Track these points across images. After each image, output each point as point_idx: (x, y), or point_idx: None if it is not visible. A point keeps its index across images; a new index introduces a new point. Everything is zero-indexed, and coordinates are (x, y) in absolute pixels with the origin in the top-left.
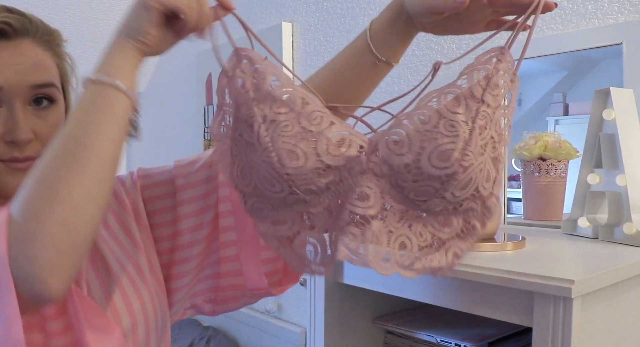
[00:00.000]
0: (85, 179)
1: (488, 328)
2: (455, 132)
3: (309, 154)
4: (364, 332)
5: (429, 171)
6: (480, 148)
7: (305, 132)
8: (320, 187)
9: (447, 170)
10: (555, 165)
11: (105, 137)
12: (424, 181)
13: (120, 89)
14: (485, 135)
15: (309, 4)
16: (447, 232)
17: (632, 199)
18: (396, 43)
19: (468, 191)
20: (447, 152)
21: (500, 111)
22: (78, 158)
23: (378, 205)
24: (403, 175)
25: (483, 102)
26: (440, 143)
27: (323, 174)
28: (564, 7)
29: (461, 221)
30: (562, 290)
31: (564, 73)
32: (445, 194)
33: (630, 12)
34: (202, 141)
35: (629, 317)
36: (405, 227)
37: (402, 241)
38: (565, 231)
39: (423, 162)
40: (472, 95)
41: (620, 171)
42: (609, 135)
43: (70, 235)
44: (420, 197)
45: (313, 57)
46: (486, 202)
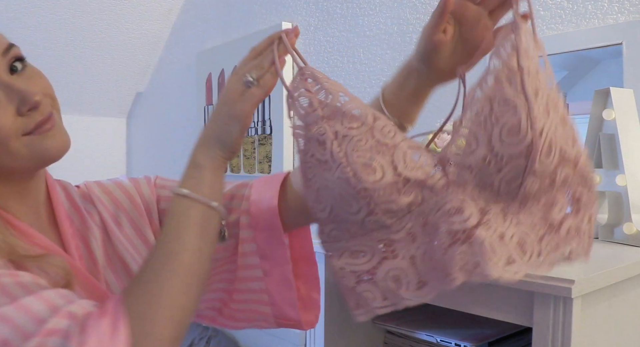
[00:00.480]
0: (186, 293)
1: (488, 328)
2: (513, 104)
3: (386, 167)
4: (363, 332)
5: (509, 151)
6: (543, 110)
7: (380, 146)
8: (401, 206)
9: (525, 142)
10: None
11: (205, 256)
12: (508, 165)
13: (215, 209)
14: (541, 98)
15: (309, 4)
16: (557, 212)
17: (632, 199)
18: (407, 105)
19: (554, 156)
20: (515, 126)
21: (542, 74)
22: (181, 275)
23: (476, 214)
24: (485, 170)
25: (522, 69)
26: (504, 122)
27: (403, 191)
28: (564, 7)
29: (566, 196)
30: (562, 290)
31: (564, 73)
32: (535, 166)
33: (630, 12)
34: None
35: (629, 317)
36: (514, 224)
37: (519, 239)
38: None
39: (497, 146)
40: (509, 68)
41: (620, 171)
42: (609, 135)
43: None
44: (513, 183)
45: (313, 57)
46: (578, 163)
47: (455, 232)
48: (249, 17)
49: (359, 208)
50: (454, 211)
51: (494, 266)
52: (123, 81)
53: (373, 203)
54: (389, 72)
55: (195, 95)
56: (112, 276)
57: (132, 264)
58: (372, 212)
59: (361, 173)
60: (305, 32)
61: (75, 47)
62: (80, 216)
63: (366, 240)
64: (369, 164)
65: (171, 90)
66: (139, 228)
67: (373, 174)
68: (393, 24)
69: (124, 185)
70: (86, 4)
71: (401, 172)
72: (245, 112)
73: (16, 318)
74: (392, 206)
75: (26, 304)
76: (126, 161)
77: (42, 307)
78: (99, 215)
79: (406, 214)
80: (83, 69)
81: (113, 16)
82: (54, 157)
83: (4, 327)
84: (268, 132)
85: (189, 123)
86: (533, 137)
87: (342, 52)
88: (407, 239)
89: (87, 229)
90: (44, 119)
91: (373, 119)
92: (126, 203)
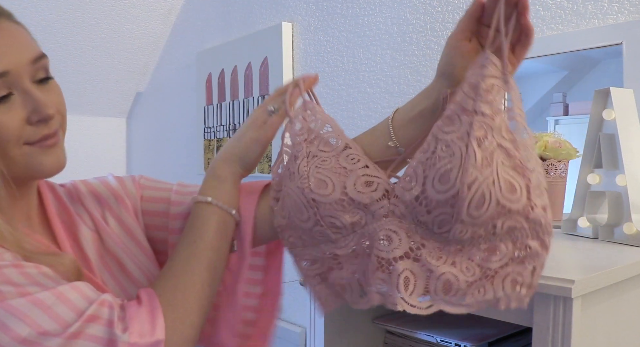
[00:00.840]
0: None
1: (488, 328)
2: (451, 152)
3: (337, 186)
4: (363, 332)
5: (436, 197)
6: (484, 160)
7: (340, 168)
8: (344, 224)
9: (451, 191)
10: (555, 165)
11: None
12: (436, 209)
13: (233, 216)
14: (487, 145)
15: (309, 4)
16: (496, 261)
17: (632, 199)
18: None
19: (488, 209)
20: (446, 174)
21: (502, 116)
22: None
23: (404, 246)
24: (417, 209)
25: (476, 112)
26: (439, 166)
27: (347, 210)
28: (564, 7)
29: (510, 245)
30: (562, 290)
31: (564, 73)
32: (463, 217)
33: (630, 12)
34: (202, 141)
35: (629, 317)
36: (448, 264)
37: (447, 279)
38: (565, 231)
39: (428, 189)
40: (463, 109)
41: (620, 171)
42: (609, 135)
43: None
44: (443, 227)
45: (313, 57)
46: (528, 215)
47: (380, 259)
48: (249, 17)
49: (308, 216)
50: (384, 239)
51: (400, 299)
52: (123, 81)
53: (319, 214)
54: (389, 72)
55: (195, 95)
56: (107, 276)
57: (128, 261)
58: (318, 223)
59: (314, 186)
60: (305, 32)
61: (75, 47)
62: (70, 216)
63: (317, 250)
64: (323, 180)
65: (171, 90)
66: (126, 225)
67: (324, 188)
68: (393, 24)
69: (110, 184)
70: (86, 4)
71: (348, 192)
72: (267, 138)
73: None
74: (336, 221)
75: (62, 291)
76: (126, 161)
77: (77, 296)
78: (90, 215)
79: (350, 233)
80: (83, 69)
81: (113, 16)
82: (46, 174)
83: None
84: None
85: (189, 123)
86: (459, 189)
87: (342, 52)
88: (350, 255)
89: (77, 230)
90: (50, 134)
91: (343, 147)
92: (112, 201)
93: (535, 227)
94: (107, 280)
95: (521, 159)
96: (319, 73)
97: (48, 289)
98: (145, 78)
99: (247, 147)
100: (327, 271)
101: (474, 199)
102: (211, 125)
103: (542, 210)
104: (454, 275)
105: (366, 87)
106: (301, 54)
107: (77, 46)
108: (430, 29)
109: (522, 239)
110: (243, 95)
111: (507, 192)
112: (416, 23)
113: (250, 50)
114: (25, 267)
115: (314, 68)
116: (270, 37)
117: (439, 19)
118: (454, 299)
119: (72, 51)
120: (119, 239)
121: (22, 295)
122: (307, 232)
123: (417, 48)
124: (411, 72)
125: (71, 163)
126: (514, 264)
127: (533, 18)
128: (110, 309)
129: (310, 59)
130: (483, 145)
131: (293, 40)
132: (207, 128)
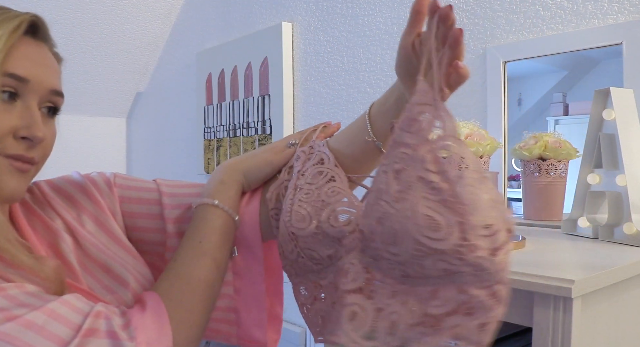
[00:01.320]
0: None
1: None
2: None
3: (313, 219)
4: None
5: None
6: (398, 193)
7: (319, 202)
8: (322, 256)
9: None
10: (555, 165)
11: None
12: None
13: (235, 221)
14: (405, 178)
15: (309, 4)
16: (436, 306)
17: (632, 199)
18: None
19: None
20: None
21: (428, 146)
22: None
23: (359, 280)
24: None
25: (401, 144)
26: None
27: (323, 243)
28: (564, 7)
29: (453, 290)
30: (562, 290)
31: (564, 73)
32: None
33: (630, 12)
34: (202, 141)
35: (629, 317)
36: (398, 303)
37: (393, 320)
38: (565, 231)
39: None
40: (394, 140)
41: (620, 171)
42: (609, 135)
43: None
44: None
45: (313, 57)
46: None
47: (341, 291)
48: (249, 17)
49: (292, 249)
50: (343, 272)
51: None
52: (123, 81)
53: (299, 247)
54: (389, 72)
55: (195, 95)
56: (91, 280)
57: (113, 264)
58: (299, 255)
59: (294, 220)
60: (305, 32)
61: (75, 47)
62: (42, 222)
63: (305, 279)
64: (302, 213)
65: (171, 90)
66: (105, 226)
67: (302, 222)
68: (393, 24)
69: (78, 181)
70: (86, 4)
71: (322, 226)
72: (279, 162)
73: (47, 324)
74: (314, 254)
75: (52, 308)
76: (126, 161)
77: (69, 311)
78: (62, 219)
79: (329, 264)
80: (83, 69)
81: (113, 16)
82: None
83: (36, 336)
84: (268, 132)
85: (189, 123)
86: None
87: (342, 52)
88: (330, 287)
89: (54, 236)
90: (27, 158)
91: (328, 180)
92: (85, 201)
93: (478, 273)
94: (94, 286)
95: (453, 194)
96: (319, 73)
97: (36, 308)
98: (145, 78)
99: (257, 164)
100: (314, 301)
101: (384, 234)
102: (211, 125)
103: (488, 253)
104: (399, 315)
105: (366, 87)
106: (301, 54)
107: (77, 46)
108: None
109: (463, 286)
110: (243, 95)
111: (427, 228)
112: None
113: (250, 50)
114: (7, 289)
115: (314, 68)
116: (270, 37)
117: None
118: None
119: (72, 51)
120: (99, 241)
121: (10, 319)
122: (294, 263)
123: None
124: None
125: (71, 163)
126: (460, 315)
127: (533, 18)
128: (106, 320)
129: (310, 59)
130: (400, 177)
131: (293, 40)
132: (207, 128)
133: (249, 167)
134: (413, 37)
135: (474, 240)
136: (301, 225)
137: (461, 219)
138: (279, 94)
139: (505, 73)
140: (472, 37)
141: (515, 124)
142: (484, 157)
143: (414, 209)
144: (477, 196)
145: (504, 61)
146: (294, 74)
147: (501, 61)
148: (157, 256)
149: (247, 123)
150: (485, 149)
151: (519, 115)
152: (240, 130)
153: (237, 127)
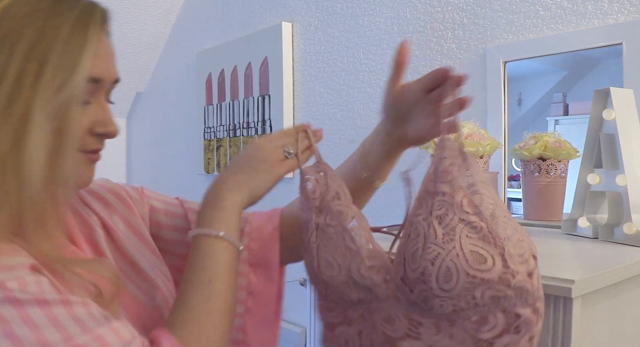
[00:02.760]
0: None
1: None
2: (417, 232)
3: (342, 268)
4: None
5: (411, 276)
6: (445, 236)
7: (345, 249)
8: (352, 299)
9: (419, 269)
10: (555, 165)
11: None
12: (416, 287)
13: (239, 250)
14: (448, 221)
15: (309, 4)
16: (487, 331)
17: (632, 199)
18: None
19: (458, 281)
20: (414, 253)
21: (462, 192)
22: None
23: (404, 327)
24: (404, 289)
25: (437, 193)
26: (409, 247)
27: (353, 289)
28: (564, 7)
29: (500, 314)
30: (562, 290)
31: (564, 73)
32: (436, 292)
33: (630, 12)
34: (202, 141)
35: (629, 317)
36: (446, 338)
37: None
38: (565, 231)
39: (407, 270)
40: (427, 191)
41: (620, 171)
42: (609, 135)
43: None
44: (427, 304)
45: (313, 57)
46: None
47: (386, 337)
48: (249, 17)
49: (320, 289)
50: (388, 319)
51: None
52: (123, 81)
53: (330, 290)
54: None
55: (195, 95)
56: (123, 277)
57: (141, 261)
58: (328, 296)
59: (323, 267)
60: (305, 32)
61: None
62: (80, 217)
63: (333, 304)
64: (330, 262)
65: (171, 90)
66: (134, 227)
67: (331, 270)
68: (393, 24)
69: (109, 186)
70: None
71: (353, 276)
72: (282, 175)
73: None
74: (345, 296)
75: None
76: (126, 161)
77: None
78: (97, 215)
79: (357, 303)
80: None
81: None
82: (80, 185)
83: None
84: (268, 132)
85: (189, 123)
86: (425, 266)
87: (342, 52)
88: (359, 318)
89: (91, 231)
90: (99, 149)
91: (348, 223)
92: (117, 204)
93: (521, 295)
94: (126, 284)
95: (490, 230)
96: (319, 73)
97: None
98: (145, 78)
99: (260, 180)
100: (339, 324)
101: (440, 273)
102: (211, 125)
103: (526, 276)
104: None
105: (366, 87)
106: (301, 54)
107: None
108: (430, 29)
109: (511, 308)
110: (243, 95)
111: (475, 262)
112: (416, 23)
113: (250, 50)
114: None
115: (314, 68)
116: (270, 37)
117: (439, 19)
118: None
119: None
120: (129, 240)
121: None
122: (323, 296)
123: (417, 48)
124: (411, 72)
125: None
126: (509, 334)
127: (533, 18)
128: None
129: (310, 59)
130: (444, 222)
131: (293, 40)
132: (207, 128)
133: (254, 187)
134: (397, 85)
135: (514, 266)
136: (331, 273)
137: (501, 251)
138: (279, 94)
139: (505, 73)
140: (472, 37)
141: (515, 124)
142: (484, 157)
143: (462, 247)
144: (508, 230)
145: (504, 61)
146: (294, 74)
147: (501, 61)
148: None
149: (247, 123)
150: (485, 149)
151: (519, 115)
152: (240, 130)
153: (237, 127)
